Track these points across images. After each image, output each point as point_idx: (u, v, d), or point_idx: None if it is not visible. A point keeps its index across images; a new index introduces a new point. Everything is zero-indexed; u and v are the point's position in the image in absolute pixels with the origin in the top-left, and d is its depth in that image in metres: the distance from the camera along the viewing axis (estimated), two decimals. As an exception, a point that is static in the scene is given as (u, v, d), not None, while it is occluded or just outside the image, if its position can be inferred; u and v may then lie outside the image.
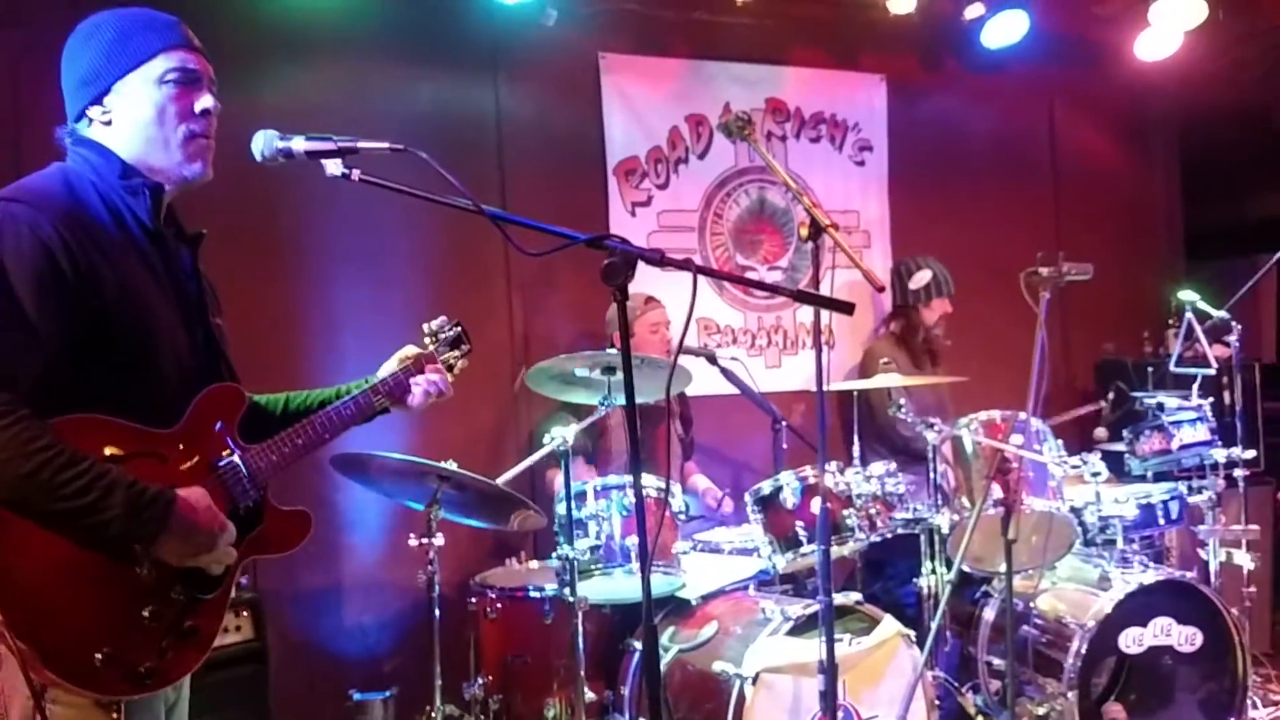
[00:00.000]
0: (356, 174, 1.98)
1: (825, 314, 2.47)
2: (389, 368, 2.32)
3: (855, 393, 4.30)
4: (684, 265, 1.95)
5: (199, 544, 1.80)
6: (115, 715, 1.74)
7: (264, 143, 1.95)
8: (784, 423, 4.10)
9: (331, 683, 3.90)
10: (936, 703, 3.37)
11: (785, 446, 4.08)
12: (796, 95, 5.18)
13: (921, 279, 4.73)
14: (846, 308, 2.01)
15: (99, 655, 1.69)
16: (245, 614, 3.61)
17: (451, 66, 4.47)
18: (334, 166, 1.97)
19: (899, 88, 5.37)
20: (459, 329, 2.48)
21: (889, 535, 3.56)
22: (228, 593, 1.93)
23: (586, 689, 3.15)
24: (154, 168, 1.92)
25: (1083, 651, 3.48)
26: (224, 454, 1.94)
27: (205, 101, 1.93)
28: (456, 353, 2.46)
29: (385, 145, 1.98)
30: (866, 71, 5.33)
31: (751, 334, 5.10)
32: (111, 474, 1.69)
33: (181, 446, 1.88)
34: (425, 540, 3.17)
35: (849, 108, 5.29)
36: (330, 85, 4.23)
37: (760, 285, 5.01)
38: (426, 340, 2.42)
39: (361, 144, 1.98)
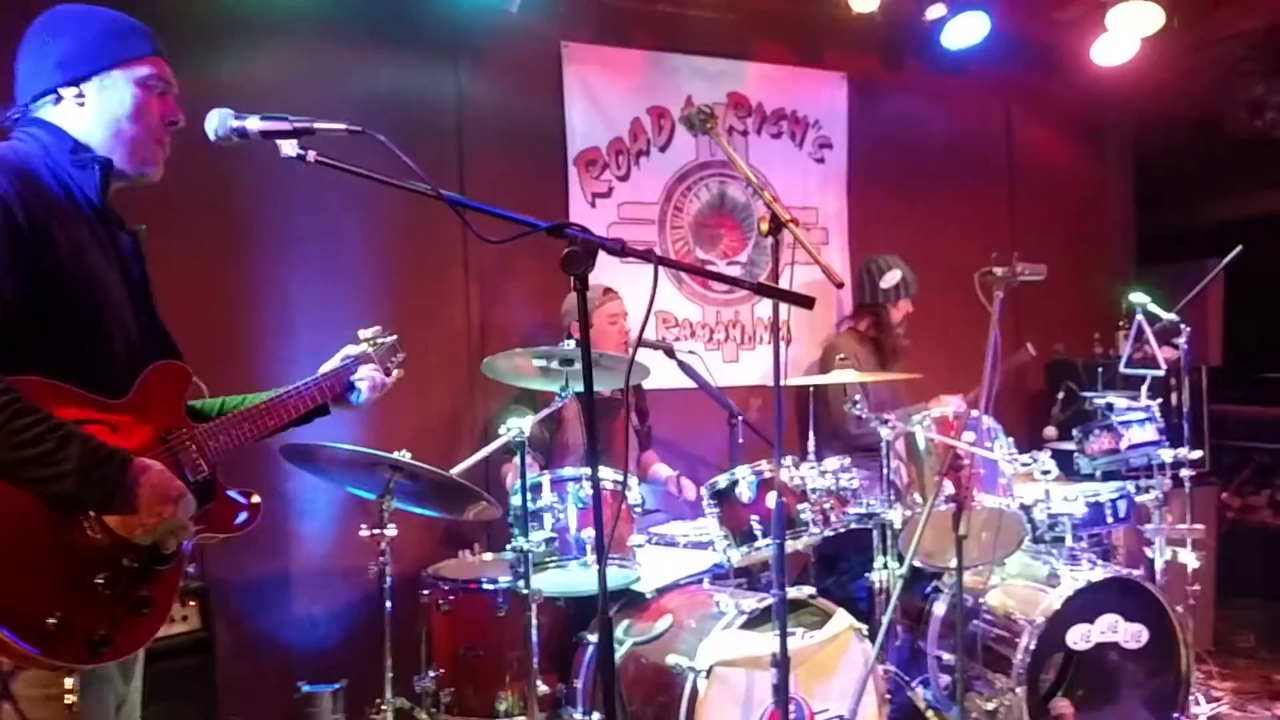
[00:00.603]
0: (312, 155, 1.95)
1: (784, 309, 2.48)
2: (330, 365, 2.38)
3: (812, 388, 4.32)
4: (645, 256, 1.94)
5: (155, 509, 1.76)
6: (71, 697, 1.72)
7: (218, 122, 1.94)
8: (740, 417, 4.09)
9: (280, 674, 3.83)
10: (887, 696, 3.40)
11: (741, 441, 4.07)
12: (758, 90, 5.19)
13: (892, 279, 4.76)
14: (807, 302, 2.01)
15: (51, 620, 1.66)
16: (193, 603, 3.54)
17: (412, 50, 4.41)
18: (289, 147, 1.95)
19: (860, 86, 5.40)
20: (395, 337, 2.55)
21: (842, 530, 3.58)
22: (181, 566, 1.91)
23: (540, 682, 3.13)
24: (111, 156, 1.94)
25: (1031, 647, 3.52)
26: (172, 428, 1.94)
27: (178, 117, 2.02)
28: (395, 360, 2.53)
29: (343, 127, 1.95)
30: (828, 69, 5.36)
31: (709, 328, 5.10)
32: (66, 427, 1.68)
33: (131, 418, 1.87)
34: (377, 531, 3.13)
35: (810, 104, 5.31)
36: (288, 66, 4.15)
37: (724, 278, 5.01)
38: (365, 345, 2.49)
39: (318, 124, 1.96)
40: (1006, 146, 5.83)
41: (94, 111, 1.93)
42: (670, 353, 4.13)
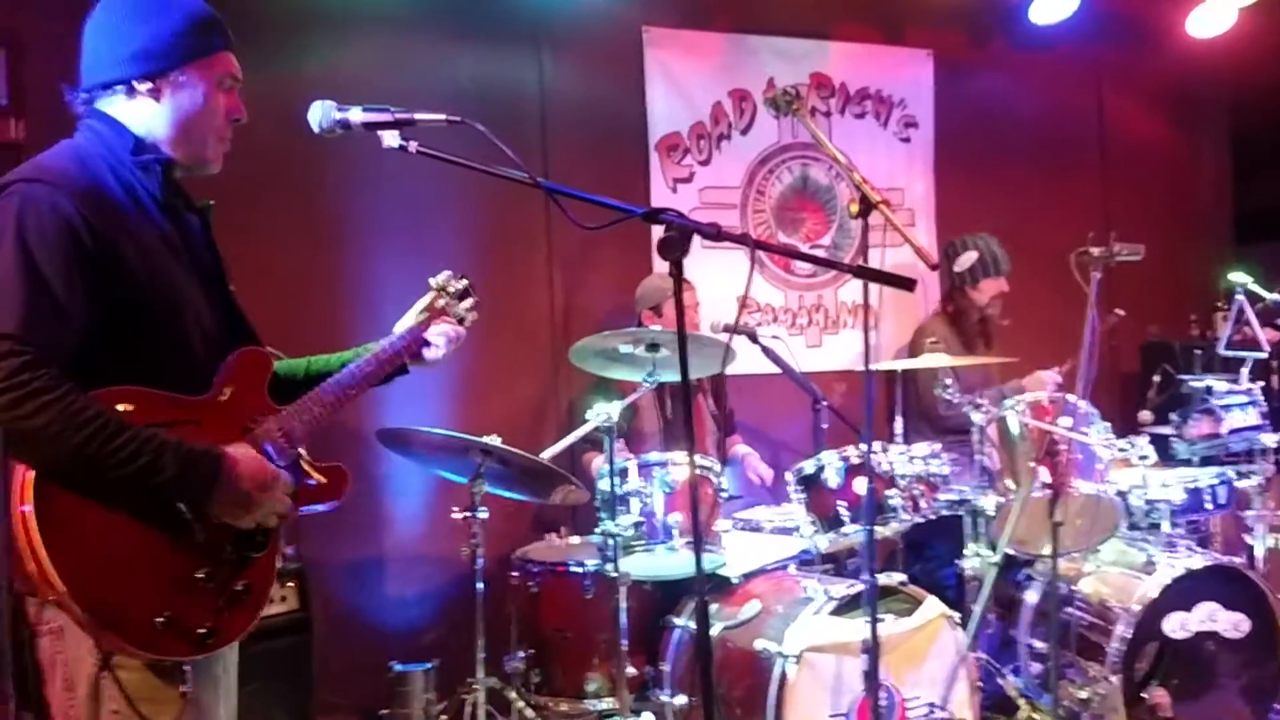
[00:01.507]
0: (414, 146, 1.98)
1: (872, 291, 2.45)
2: (405, 322, 2.33)
3: (901, 372, 4.26)
4: (741, 239, 1.94)
5: (253, 497, 1.82)
6: (184, 678, 1.78)
7: (322, 113, 1.96)
8: (825, 402, 4.06)
9: (373, 654, 3.92)
10: (979, 684, 3.36)
11: (825, 426, 4.04)
12: (841, 70, 5.12)
13: (966, 260, 4.65)
14: (908, 284, 1.99)
15: (159, 620, 1.72)
16: (291, 584, 3.65)
17: (494, 39, 4.45)
18: (391, 138, 1.98)
19: (946, 64, 5.29)
20: (466, 282, 2.46)
21: (932, 516, 3.53)
22: (275, 550, 1.96)
23: (628, 664, 3.16)
24: (175, 152, 1.93)
25: (1127, 636, 3.44)
26: (256, 416, 1.96)
27: (243, 114, 2.00)
28: (468, 303, 2.43)
29: (442, 117, 1.98)
30: (913, 47, 5.27)
31: (792, 312, 5.07)
32: (158, 438, 1.72)
33: (215, 411, 1.90)
34: (469, 514, 3.19)
35: (895, 83, 5.23)
36: (372, 59, 4.22)
37: (822, 261, 4.94)
38: (434, 295, 2.40)
39: (418, 115, 1.98)
40: (1098, 124, 5.67)
41: (166, 107, 1.90)
42: (754, 338, 4.11)
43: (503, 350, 4.34)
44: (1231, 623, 3.57)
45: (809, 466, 3.49)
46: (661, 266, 4.54)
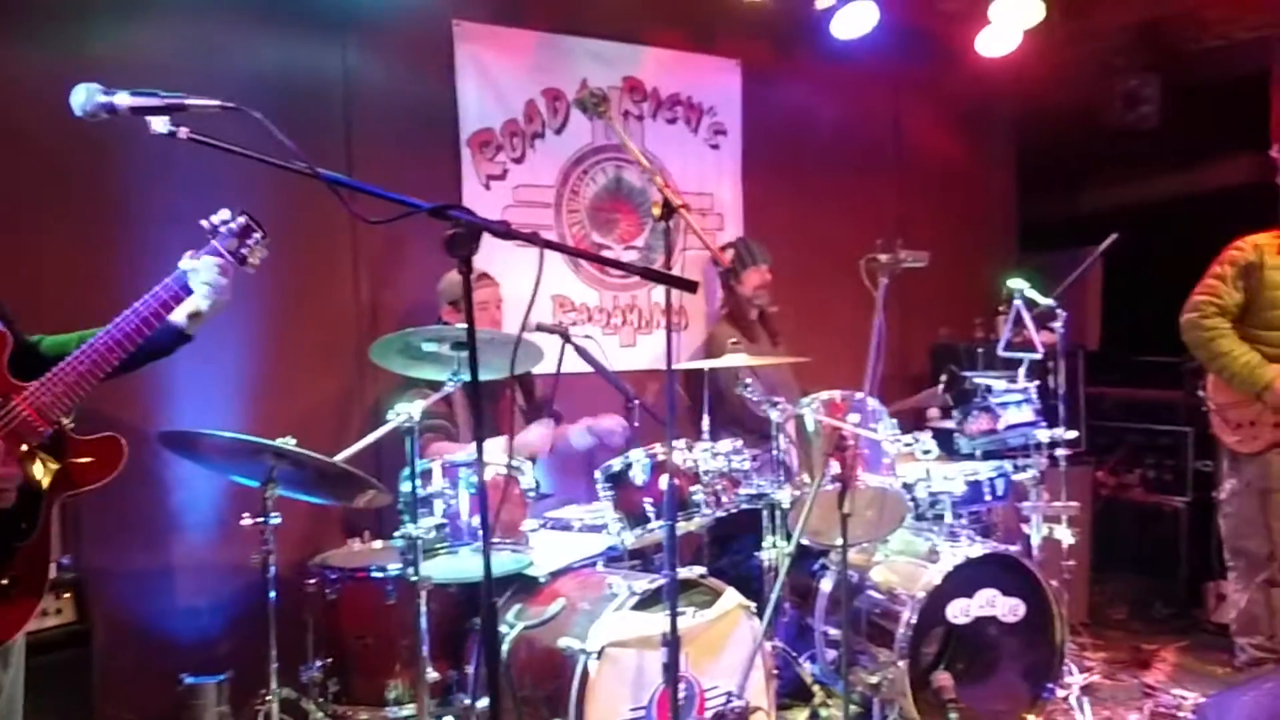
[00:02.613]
0: (184, 132, 1.91)
1: (679, 294, 2.50)
2: None
3: (705, 372, 4.36)
4: (531, 239, 1.93)
5: None
6: None
7: (85, 97, 1.89)
8: (637, 401, 4.11)
9: (163, 667, 3.73)
10: (775, 672, 3.47)
11: (638, 425, 4.10)
12: (654, 75, 5.19)
13: (727, 256, 4.87)
14: (690, 285, 2.03)
15: None
16: (67, 596, 3.43)
17: (298, 26, 4.26)
18: (160, 124, 1.91)
19: (754, 73, 5.45)
20: (246, 217, 2.35)
21: (734, 510, 3.63)
22: (45, 545, 1.84)
23: (430, 669, 3.10)
24: None
25: (913, 621, 3.62)
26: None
27: None
28: (250, 242, 2.32)
29: (216, 103, 1.91)
30: (722, 56, 5.39)
31: (607, 312, 5.11)
32: None
33: None
34: (259, 520, 3.06)
35: (705, 90, 5.34)
36: (167, 43, 3.97)
37: (605, 261, 5.00)
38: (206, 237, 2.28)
39: (190, 100, 1.91)
40: (895, 135, 5.96)
41: None
42: (566, 337, 4.12)
43: (304, 348, 4.20)
44: (1009, 607, 3.80)
45: (616, 464, 3.53)
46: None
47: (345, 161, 4.21)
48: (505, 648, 3.21)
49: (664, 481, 3.35)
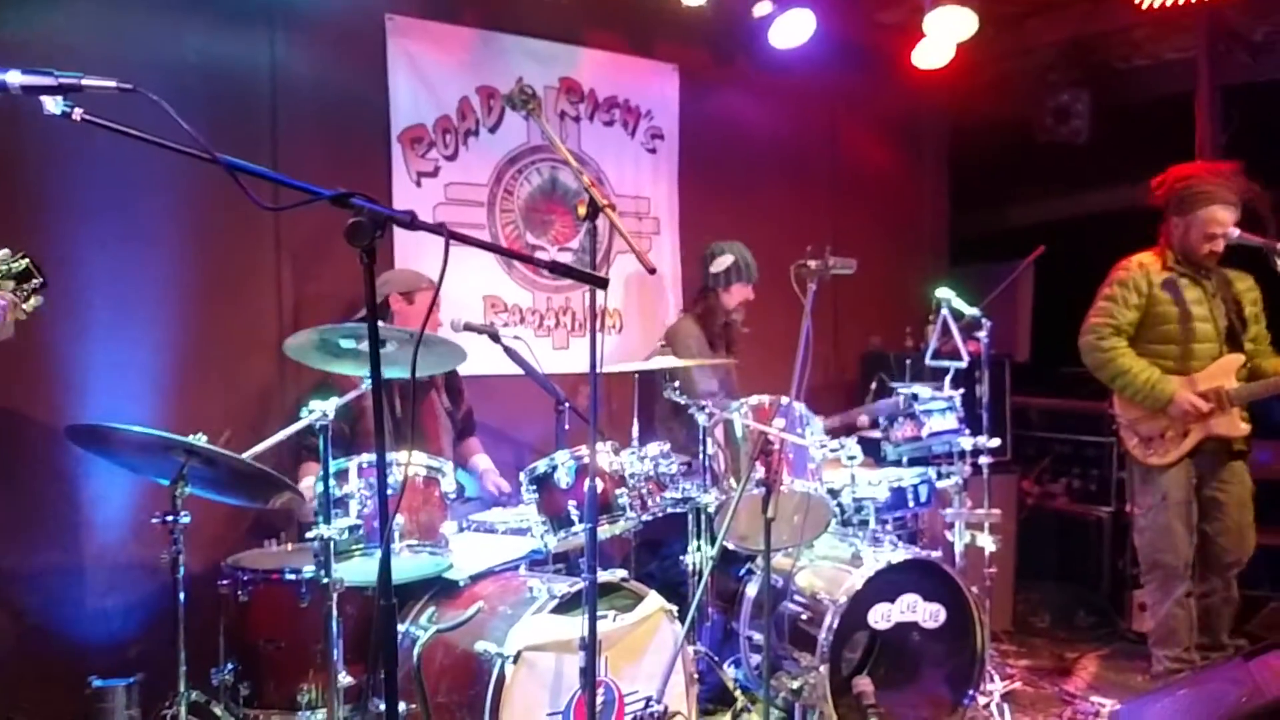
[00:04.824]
0: (79, 113, 1.84)
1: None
2: None
3: (637, 375, 4.34)
4: (436, 230, 1.89)
5: None
6: None
7: None
8: (567, 404, 4.08)
9: (70, 669, 3.61)
10: (696, 676, 3.45)
11: (568, 428, 4.07)
12: (591, 77, 5.17)
13: (722, 263, 4.82)
14: (601, 282, 2.01)
15: None
16: (-35, 596, 3.30)
17: (224, 13, 4.16)
18: (53, 104, 1.83)
19: (691, 78, 5.46)
20: (27, 261, 2.27)
21: (659, 514, 3.60)
22: None
23: (344, 673, 3.03)
24: None
25: (835, 626, 3.62)
26: None
27: None
28: (27, 287, 2.24)
29: (112, 84, 1.84)
30: (660, 60, 5.39)
31: (540, 314, 5.07)
32: None
33: None
34: (169, 519, 2.97)
35: (642, 94, 5.33)
36: (85, 26, 3.85)
37: (517, 255, 4.96)
38: None
39: (86, 80, 1.84)
40: (830, 145, 6.01)
41: None
42: (495, 338, 4.08)
43: (223, 344, 4.09)
44: (930, 613, 3.83)
45: (541, 466, 3.49)
46: (403, 260, 4.43)
47: (271, 155, 4.12)
48: (418, 651, 3.15)
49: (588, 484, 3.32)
